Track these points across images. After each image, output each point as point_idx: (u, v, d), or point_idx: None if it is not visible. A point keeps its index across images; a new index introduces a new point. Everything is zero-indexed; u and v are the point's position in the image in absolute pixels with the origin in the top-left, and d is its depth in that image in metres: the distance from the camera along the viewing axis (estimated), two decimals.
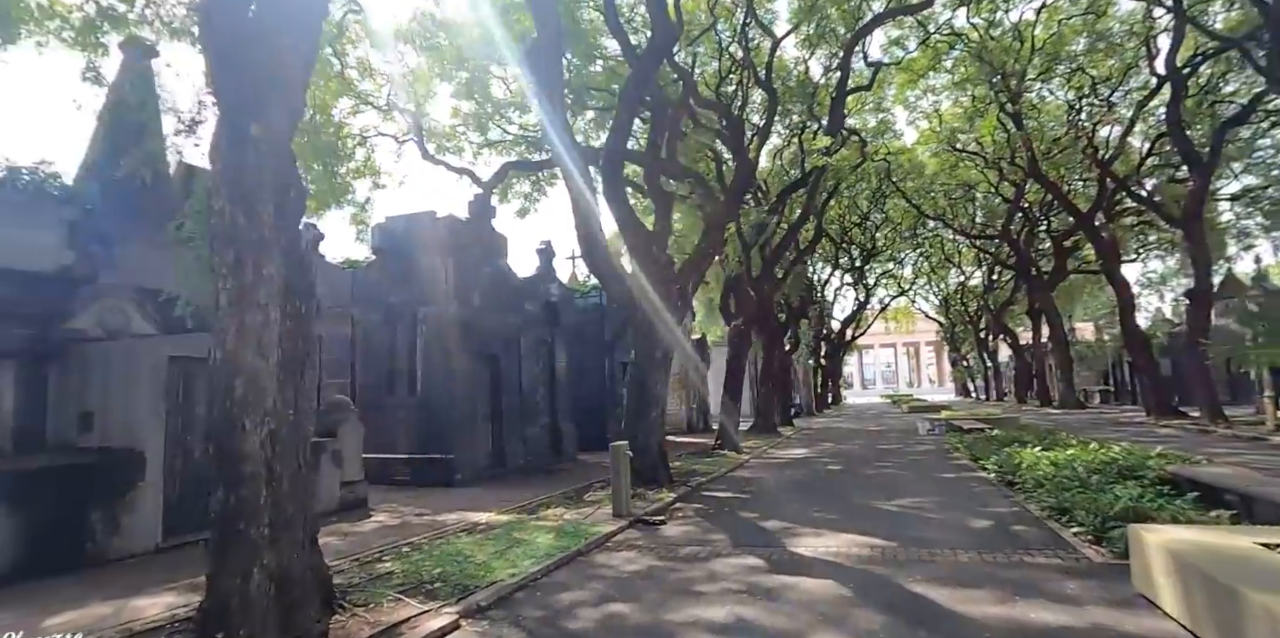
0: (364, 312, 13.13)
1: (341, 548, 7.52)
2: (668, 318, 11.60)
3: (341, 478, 9.80)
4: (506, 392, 13.90)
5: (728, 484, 11.86)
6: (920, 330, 72.32)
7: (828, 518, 8.51)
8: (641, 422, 11.09)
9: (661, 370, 11.45)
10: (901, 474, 12.24)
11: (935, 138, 33.46)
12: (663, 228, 12.66)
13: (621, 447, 8.97)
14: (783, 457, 16.26)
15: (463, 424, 12.36)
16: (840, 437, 21.73)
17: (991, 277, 44.69)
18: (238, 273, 4.79)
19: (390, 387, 12.80)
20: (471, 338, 12.92)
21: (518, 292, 14.60)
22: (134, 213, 9.54)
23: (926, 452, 16.00)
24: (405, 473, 12.30)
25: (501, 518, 8.95)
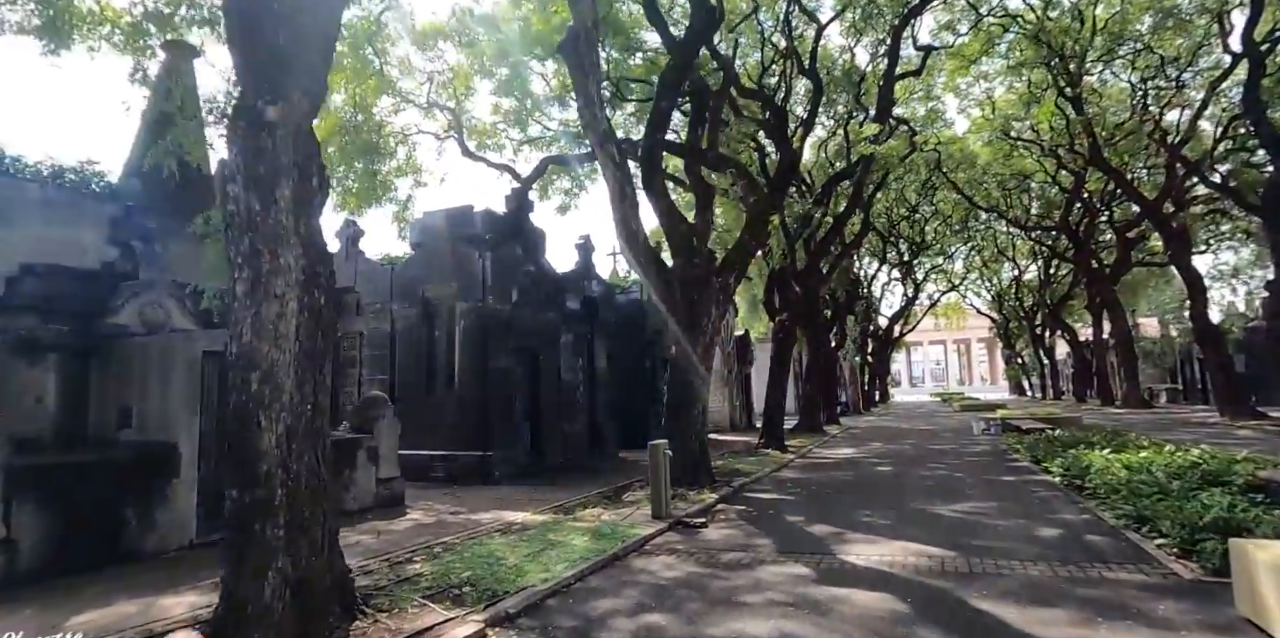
0: (402, 308, 13.03)
1: (373, 547, 7.32)
2: (709, 312, 11.15)
3: (377, 475, 9.66)
4: (545, 388, 13.65)
5: (772, 485, 11.38)
6: (971, 327, 70.00)
7: (880, 523, 7.98)
8: (682, 420, 10.68)
9: (702, 366, 11.02)
10: (957, 477, 11.57)
11: (988, 125, 32.12)
12: (704, 220, 12.21)
13: (660, 446, 8.59)
14: (829, 457, 15.66)
15: (500, 421, 12.15)
16: (889, 436, 20.94)
17: (1048, 270, 42.81)
18: (253, 262, 4.56)
19: (429, 383, 12.67)
20: (509, 334, 12.70)
21: (557, 287, 14.34)
22: (175, 209, 9.54)
23: (983, 453, 15.20)
24: (443, 470, 12.15)
25: (537, 518, 8.67)
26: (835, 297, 25.23)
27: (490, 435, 11.89)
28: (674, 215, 11.67)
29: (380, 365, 13.21)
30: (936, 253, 43.47)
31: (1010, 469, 12.33)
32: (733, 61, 16.07)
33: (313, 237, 4.96)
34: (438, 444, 12.32)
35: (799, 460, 14.92)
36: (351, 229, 14.04)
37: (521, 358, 13.29)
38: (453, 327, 12.57)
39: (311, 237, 4.95)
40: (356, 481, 9.33)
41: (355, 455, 9.37)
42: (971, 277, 50.86)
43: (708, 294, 11.17)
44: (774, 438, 16.34)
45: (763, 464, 13.71)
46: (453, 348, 12.53)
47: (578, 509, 9.18)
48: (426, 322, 12.82)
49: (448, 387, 12.49)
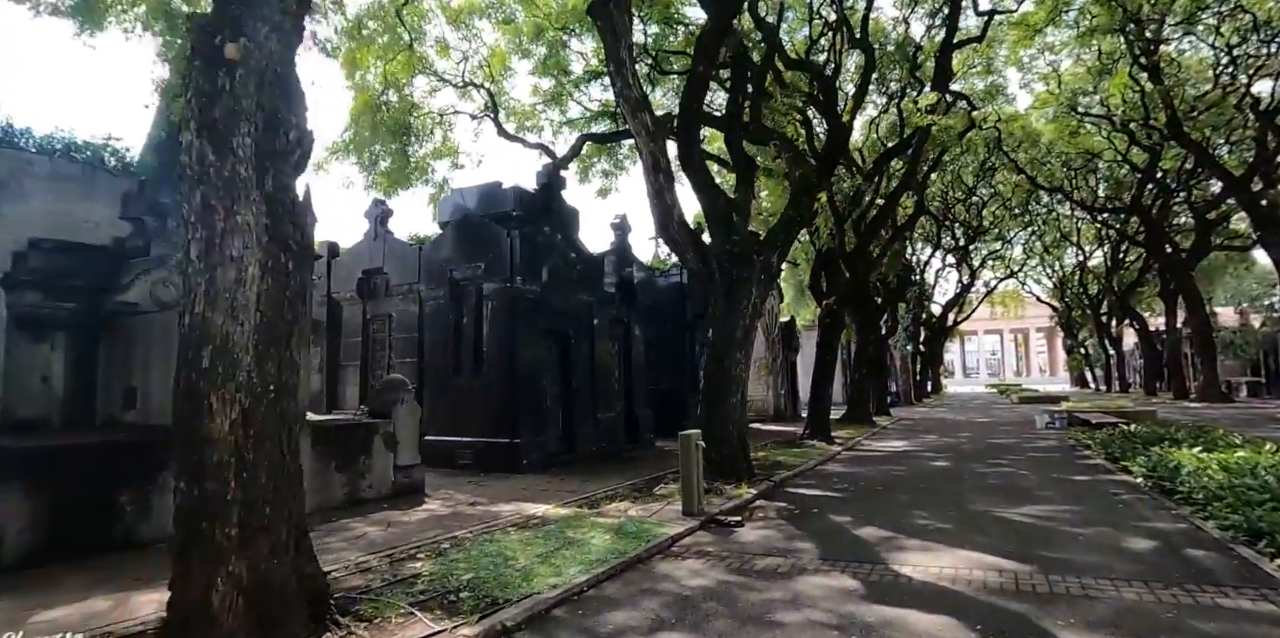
0: (430, 289, 12.50)
1: (378, 541, 6.75)
2: (750, 293, 10.26)
3: (395, 462, 9.12)
4: (578, 374, 12.98)
5: (816, 480, 10.46)
6: (1030, 316, 66.78)
7: (938, 528, 7.03)
8: (719, 408, 9.86)
9: (741, 351, 10.15)
10: (1022, 474, 10.45)
11: (1054, 101, 30.02)
12: (745, 196, 11.28)
13: (693, 436, 7.79)
14: (879, 449, 14.61)
15: (529, 407, 11.52)
16: (944, 428, 19.66)
17: (1116, 255, 40.17)
18: (206, 219, 3.92)
19: (456, 367, 12.13)
20: (540, 316, 12.05)
21: (591, 268, 13.61)
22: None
23: (1049, 449, 13.93)
24: (470, 457, 11.61)
25: (559, 511, 7.99)
26: (886, 282, 23.87)
27: (518, 422, 11.28)
28: (712, 189, 10.78)
29: (409, 349, 12.73)
30: (994, 238, 41.29)
31: (1083, 467, 11.12)
32: (777, 30, 14.96)
33: (282, 194, 4.31)
34: (465, 431, 11.79)
35: (846, 453, 13.93)
36: (380, 209, 13.56)
37: (552, 342, 12.64)
38: (480, 308, 11.98)
39: (280, 194, 4.30)
40: (372, 468, 8.81)
41: (370, 442, 8.85)
42: (1031, 263, 48.26)
43: (748, 273, 10.27)
44: (819, 429, 15.35)
45: (807, 457, 12.78)
46: (480, 331, 11.94)
47: (604, 503, 8.47)
48: (454, 303, 12.26)
49: (475, 371, 11.92)
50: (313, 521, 7.69)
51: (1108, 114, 29.61)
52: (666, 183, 10.40)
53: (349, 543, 6.67)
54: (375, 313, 13.44)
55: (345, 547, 6.51)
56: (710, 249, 10.61)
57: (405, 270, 12.88)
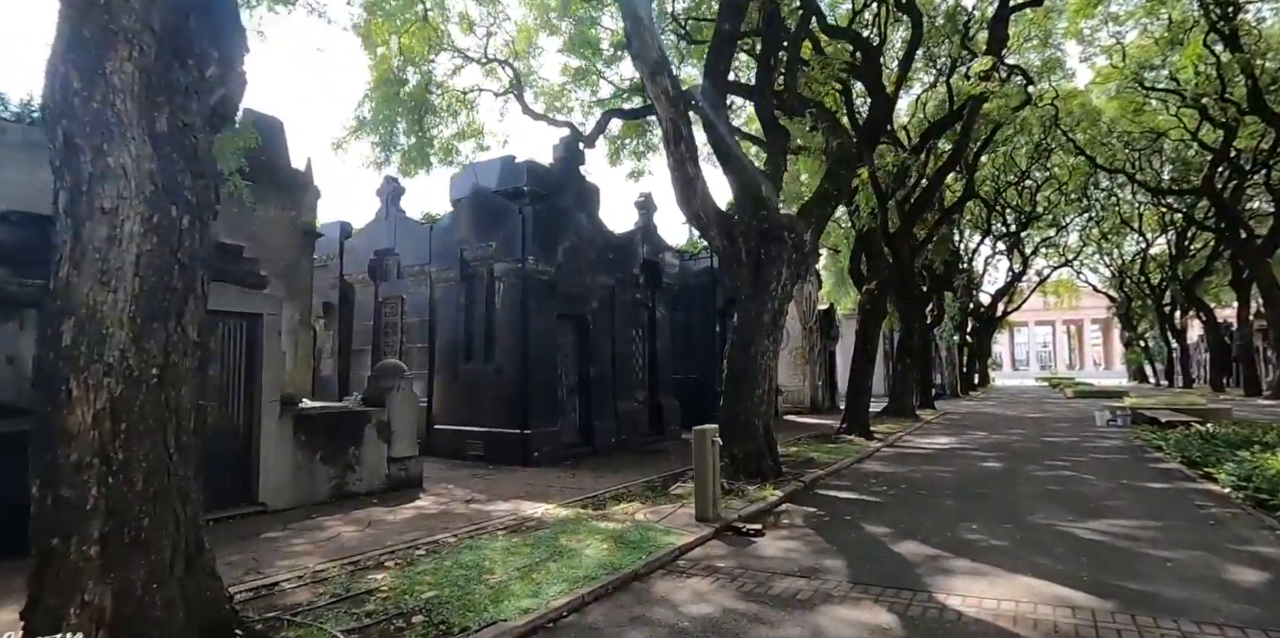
0: (441, 270, 11.77)
1: (349, 544, 6.00)
2: (780, 273, 9.22)
3: (389, 454, 8.41)
4: (596, 361, 12.13)
5: (852, 481, 9.42)
6: (1085, 306, 63.49)
7: (992, 546, 5.96)
8: (744, 399, 8.88)
9: (769, 337, 9.14)
10: (1087, 479, 9.21)
11: (1118, 75, 27.85)
12: (775, 168, 10.20)
13: (708, 432, 6.85)
14: (922, 446, 13.42)
15: (541, 396, 10.72)
16: (993, 424, 18.26)
17: (1181, 242, 37.50)
18: (70, 162, 3.12)
19: (467, 352, 11.39)
20: (555, 299, 11.21)
21: (612, 249, 12.71)
22: None
23: (1113, 449, 12.55)
24: (479, 448, 10.89)
25: (559, 513, 7.16)
26: (932, 268, 22.38)
27: (529, 412, 10.49)
28: (739, 160, 9.73)
29: (420, 333, 12.04)
30: (1048, 224, 39.00)
31: (1156, 473, 9.81)
32: None
33: (181, 138, 3.48)
34: (475, 420, 11.07)
35: (886, 450, 12.79)
36: (391, 186, 12.87)
37: (569, 326, 11.80)
38: (492, 290, 11.20)
39: (179, 137, 3.47)
40: (363, 460, 8.11)
41: (361, 431, 8.14)
42: (1087, 251, 45.56)
43: (778, 251, 9.23)
44: (857, 423, 14.21)
45: (842, 453, 11.70)
46: (492, 314, 11.17)
47: (611, 503, 7.61)
48: (465, 285, 11.51)
49: (486, 357, 11.16)
50: (290, 517, 7.03)
51: (1177, 88, 27.36)
52: (688, 153, 9.40)
53: (316, 546, 5.94)
54: (387, 295, 12.79)
55: (310, 551, 5.78)
56: (737, 226, 9.58)
57: (416, 251, 12.18)
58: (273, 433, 7.19)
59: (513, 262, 10.78)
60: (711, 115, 9.80)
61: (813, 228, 9.76)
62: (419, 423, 11.60)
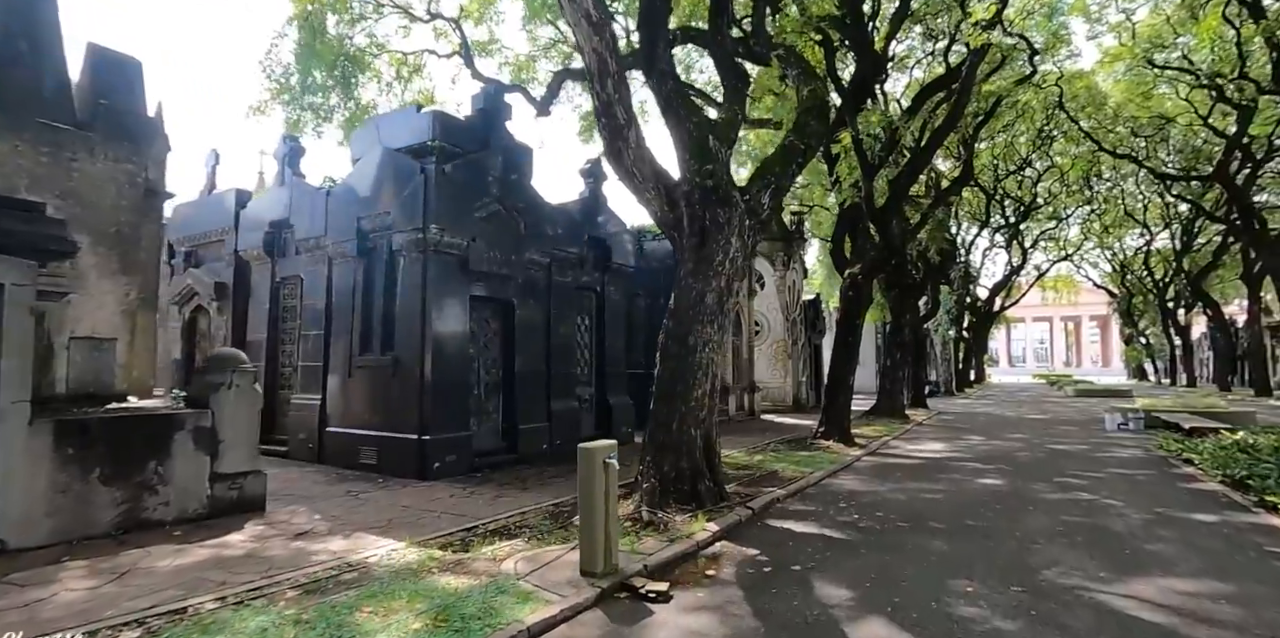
0: (337, 243, 9.74)
1: (52, 612, 4.00)
2: (729, 243, 7.20)
3: (215, 469, 6.40)
4: (525, 353, 10.11)
5: (817, 504, 7.40)
6: (1083, 302, 61.35)
7: (996, 630, 3.94)
8: (678, 402, 6.86)
9: (713, 324, 7.12)
10: (1113, 508, 7.19)
11: (1128, 53, 25.78)
12: (729, 117, 8.16)
13: (597, 450, 4.84)
14: (910, 455, 11.41)
15: (445, 394, 8.71)
16: (991, 427, 16.25)
17: (1187, 235, 35.43)
18: None
19: (363, 341, 9.38)
20: (468, 277, 9.19)
21: (549, 222, 10.67)
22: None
23: (1133, 462, 10.54)
24: (373, 456, 8.89)
25: (405, 556, 5.16)
26: (927, 256, 20.34)
27: (426, 414, 8.48)
28: (683, 105, 7.67)
29: (317, 319, 10.02)
30: (1048, 216, 36.97)
31: (1196, 497, 7.79)
32: None
33: None
34: (369, 422, 9.08)
35: (867, 459, 10.79)
36: (289, 146, 10.80)
37: (488, 311, 9.78)
38: (393, 267, 9.18)
39: None
40: (170, 477, 6.09)
41: (169, 441, 6.13)
42: (1087, 245, 43.47)
43: (727, 216, 7.20)
44: (836, 426, 12.20)
45: (814, 464, 9.70)
46: (391, 295, 9.15)
47: (485, 542, 5.59)
48: (362, 261, 9.49)
49: (384, 347, 9.15)
50: (31, 560, 5.01)
51: (1191, 67, 25.30)
52: (617, 94, 7.35)
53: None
54: (285, 274, 10.77)
55: None
56: (678, 186, 7.55)
57: (312, 221, 10.14)
58: (15, 445, 5.18)
59: (413, 231, 8.74)
60: (650, 49, 7.73)
61: (771, 189, 7.70)
62: (311, 426, 9.65)
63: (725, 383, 16.39)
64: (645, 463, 6.83)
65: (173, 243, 12.44)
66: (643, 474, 6.79)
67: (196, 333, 12.05)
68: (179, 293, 11.92)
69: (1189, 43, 26.13)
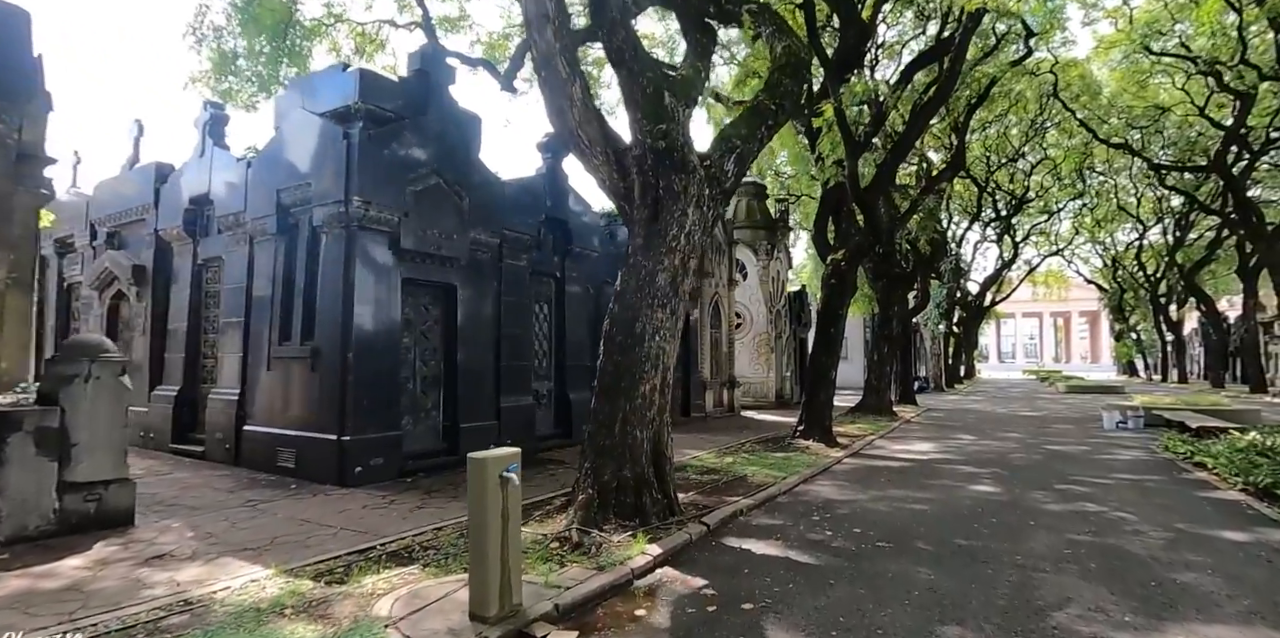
0: (256, 220, 8.63)
1: None
2: (685, 214, 6.15)
3: (65, 477, 5.31)
4: (470, 343, 9.04)
5: (786, 518, 6.37)
6: (1073, 298, 60.82)
7: None
8: (622, 399, 5.82)
9: (665, 309, 6.08)
10: (1126, 523, 6.20)
11: (1125, 39, 24.87)
12: (692, 73, 7.10)
13: (490, 460, 3.79)
14: (896, 457, 10.41)
15: (371, 389, 7.63)
16: (983, 425, 15.28)
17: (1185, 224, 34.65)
18: None
19: (283, 330, 8.28)
20: (401, 258, 8.10)
21: (498, 198, 9.59)
22: None
23: (1140, 466, 9.56)
24: (290, 459, 7.81)
25: (249, 595, 4.10)
26: (917, 247, 19.34)
27: (347, 412, 7.41)
28: (636, 57, 6.60)
29: (237, 305, 8.91)
30: (1039, 210, 36.17)
31: (1218, 509, 6.81)
32: None
33: None
34: (287, 420, 8.00)
35: (849, 461, 9.78)
36: (210, 113, 9.65)
37: (426, 296, 8.69)
38: (315, 245, 8.08)
39: None
40: (3, 489, 5.00)
41: (4, 443, 5.03)
42: (1078, 240, 42.69)
43: (684, 184, 6.14)
44: (817, 424, 11.20)
45: (788, 468, 8.68)
46: (313, 278, 8.06)
47: (369, 572, 4.53)
48: (283, 240, 8.39)
49: (304, 335, 8.06)
50: None
51: (1189, 54, 24.43)
52: (561, 45, 6.32)
53: None
54: (207, 256, 9.65)
55: None
56: (629, 150, 6.48)
57: (233, 196, 9.02)
58: None
59: (334, 205, 7.65)
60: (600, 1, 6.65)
61: (736, 154, 6.63)
62: (228, 425, 8.56)
63: (703, 378, 15.38)
64: (583, 471, 5.79)
65: (94, 223, 11.29)
66: (579, 484, 5.74)
67: (119, 321, 10.92)
68: (98, 277, 10.78)
69: (1187, 30, 25.28)
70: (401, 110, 8.18)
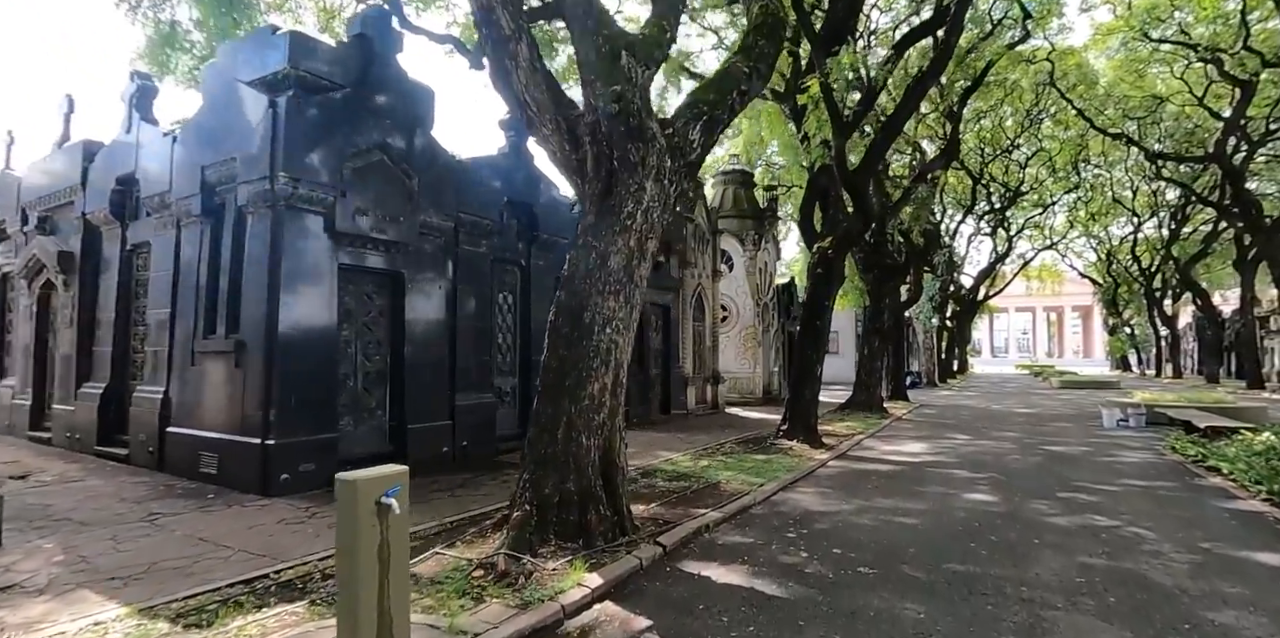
0: (181, 201, 7.77)
1: None
2: (643, 187, 5.34)
3: None
4: (421, 336, 8.22)
5: (758, 535, 5.58)
6: (1067, 293, 60.16)
7: None
8: (566, 400, 5.02)
9: (618, 298, 5.29)
10: (1144, 541, 5.43)
11: (1124, 25, 24.11)
12: (655, 32, 6.28)
13: (362, 484, 2.97)
14: (885, 459, 9.64)
15: (297, 387, 6.80)
16: (977, 423, 14.54)
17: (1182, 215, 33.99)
18: None
19: (209, 321, 7.45)
20: (338, 242, 7.27)
21: (453, 179, 8.74)
22: None
23: (1149, 470, 8.80)
24: (213, 465, 7.00)
25: None
26: (910, 238, 18.53)
27: (272, 413, 6.59)
28: (590, 14, 5.76)
29: (163, 295, 8.07)
30: (1033, 204, 35.52)
31: (1245, 523, 6.06)
32: None
33: None
34: (211, 422, 7.18)
35: (834, 464, 9.00)
36: (138, 84, 8.75)
37: (369, 284, 7.86)
38: (241, 228, 7.23)
39: None
40: None
41: None
42: (1072, 234, 42.00)
43: (641, 153, 5.32)
44: (801, 423, 10.42)
45: (766, 473, 7.89)
46: (239, 263, 7.21)
47: (242, 611, 3.72)
48: (209, 222, 7.54)
49: (229, 327, 7.22)
50: None
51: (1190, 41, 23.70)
52: None
53: None
54: (136, 241, 8.80)
55: None
56: (581, 116, 5.65)
57: (159, 175, 8.16)
58: None
59: (259, 181, 6.80)
60: None
61: (704, 121, 5.80)
62: (152, 425, 7.74)
63: (685, 373, 14.59)
64: (520, 483, 4.98)
65: (25, 207, 10.41)
66: (516, 499, 4.94)
67: (50, 312, 10.06)
68: (26, 265, 9.92)
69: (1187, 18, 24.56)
70: (339, 78, 7.32)
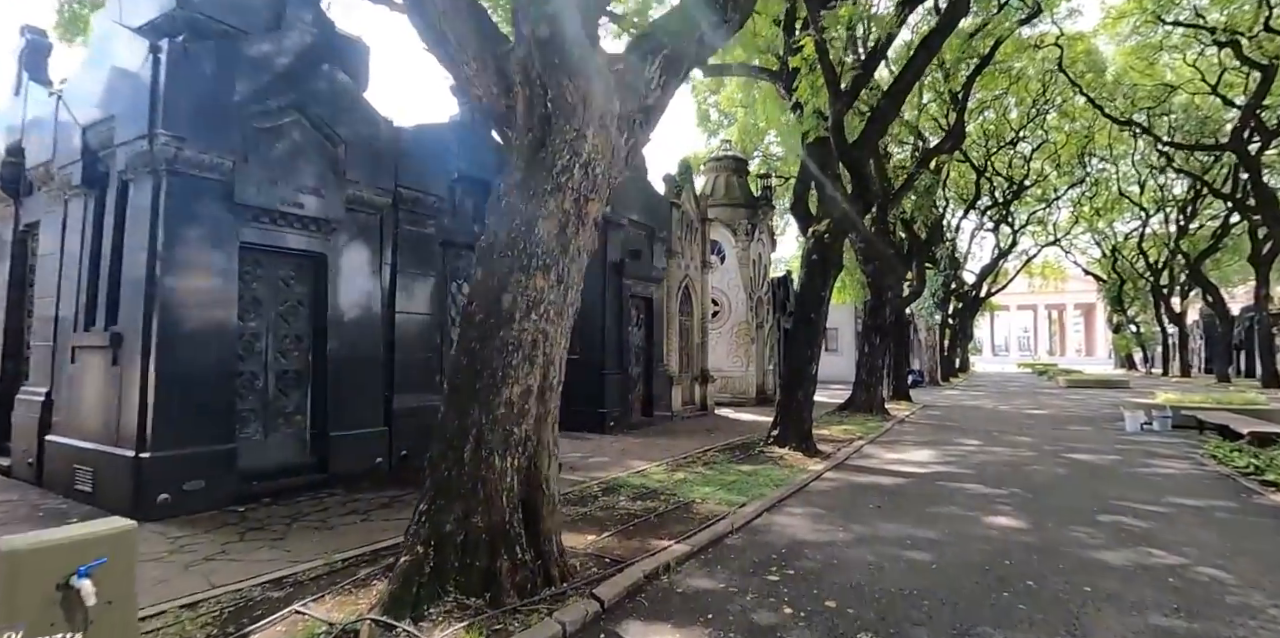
0: (63, 170, 6.58)
1: None
2: (580, 141, 4.17)
3: None
4: (349, 328, 7.03)
5: (728, 577, 4.38)
6: (1069, 290, 58.97)
7: None
8: (472, 408, 3.82)
9: (547, 273, 4.10)
10: (1224, 587, 4.24)
11: (1137, 7, 22.91)
12: None
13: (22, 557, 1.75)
14: (887, 470, 8.42)
15: (182, 388, 5.61)
16: (988, 426, 13.30)
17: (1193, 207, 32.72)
18: None
19: (89, 311, 6.26)
20: (238, 216, 6.06)
21: (387, 147, 7.53)
22: None
23: (1192, 482, 7.58)
24: (89, 480, 5.81)
25: None
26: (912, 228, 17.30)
27: (154, 418, 5.40)
28: None
29: (49, 281, 6.88)
30: (1037, 199, 34.35)
31: None
32: None
33: None
34: (89, 430, 5.99)
35: (830, 477, 7.78)
36: (29, 39, 7.54)
37: (285, 268, 6.67)
38: (124, 200, 6.04)
39: None
40: None
41: None
42: (1076, 230, 40.72)
43: (582, 91, 4.12)
44: (793, 428, 9.21)
45: (750, 489, 6.69)
46: (120, 243, 6.02)
47: None
48: (93, 195, 6.35)
49: (108, 319, 6.03)
50: None
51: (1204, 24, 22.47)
52: None
53: None
54: (29, 220, 7.61)
55: None
56: (511, 53, 4.44)
57: (43, 142, 6.97)
58: None
59: (138, 141, 5.61)
60: None
61: (663, 56, 4.60)
62: (31, 433, 6.56)
63: (670, 372, 13.37)
64: (416, 517, 3.78)
65: None
66: (407, 539, 3.73)
67: None
68: None
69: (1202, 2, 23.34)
70: (242, 23, 6.13)
